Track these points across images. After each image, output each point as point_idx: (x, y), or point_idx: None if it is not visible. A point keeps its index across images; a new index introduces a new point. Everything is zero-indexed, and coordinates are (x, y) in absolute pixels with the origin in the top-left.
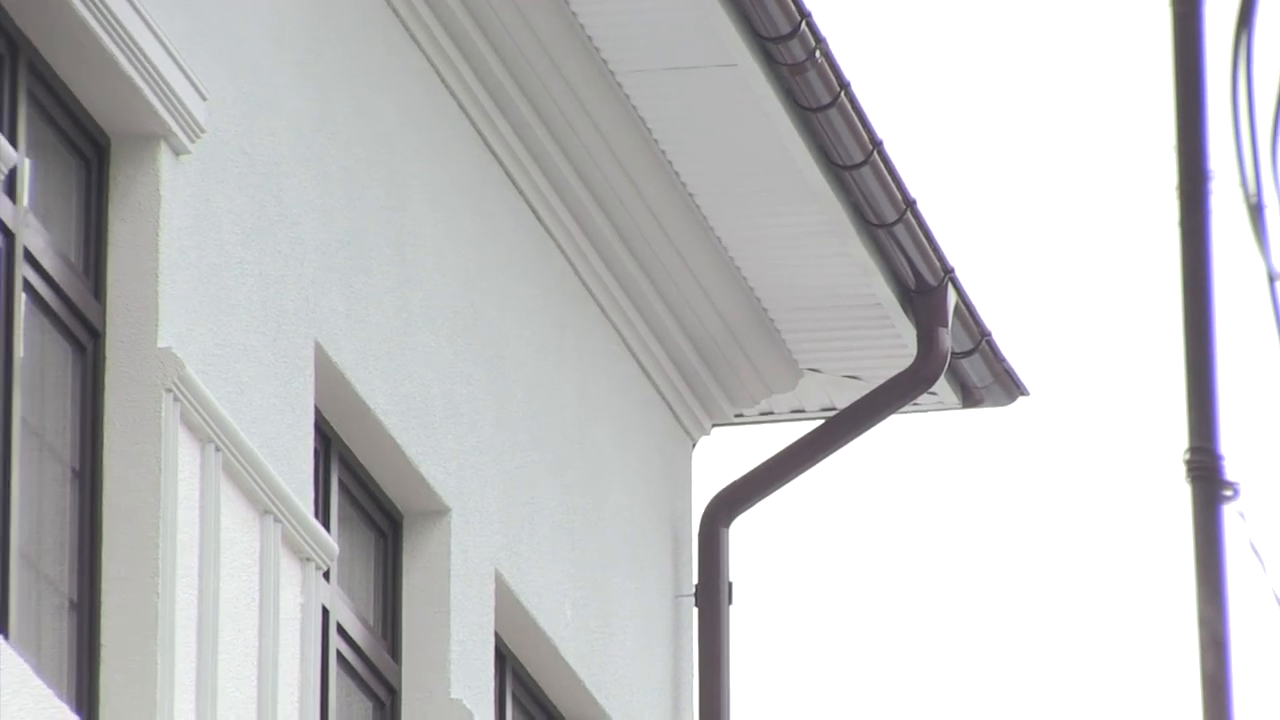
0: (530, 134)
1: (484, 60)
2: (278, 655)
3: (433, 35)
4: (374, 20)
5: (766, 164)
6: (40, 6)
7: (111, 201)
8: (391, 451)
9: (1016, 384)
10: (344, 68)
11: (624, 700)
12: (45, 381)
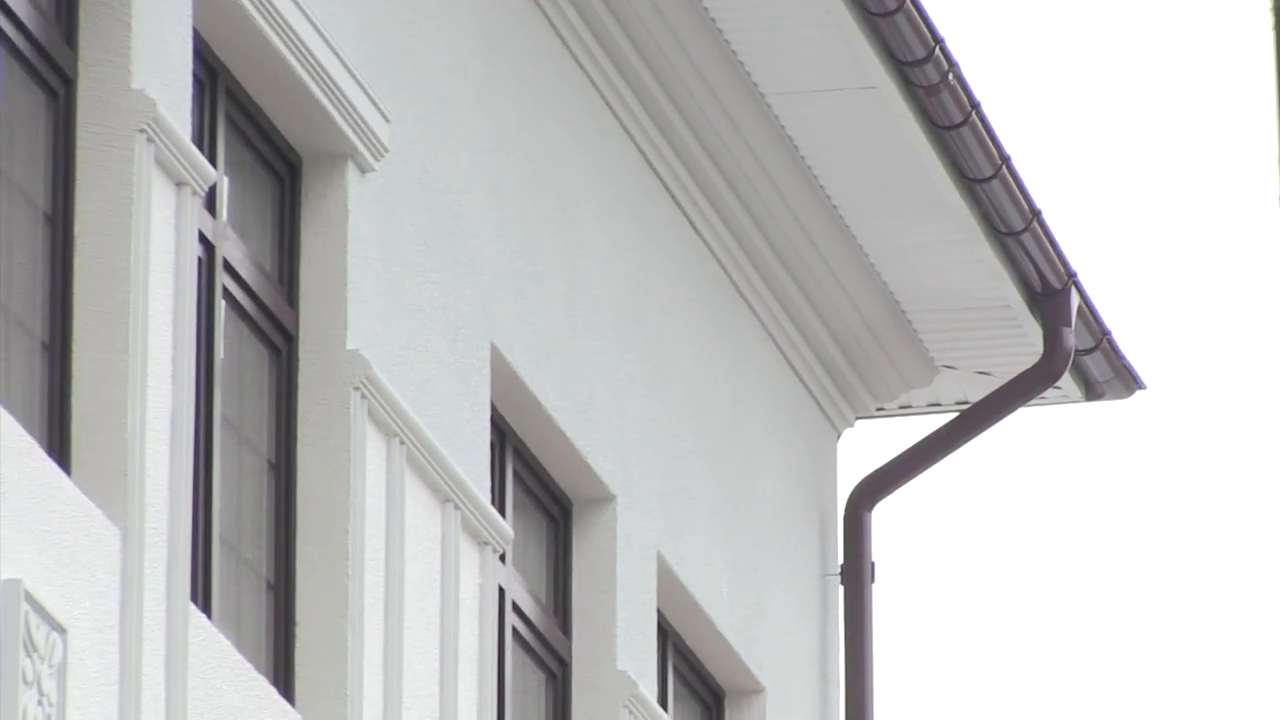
0: (687, 151)
1: (644, 84)
2: (458, 632)
3: (597, 62)
4: (543, 48)
5: (904, 178)
6: (238, 37)
7: (303, 216)
8: (561, 444)
9: (1135, 379)
10: (516, 92)
11: (776, 671)
12: (244, 381)
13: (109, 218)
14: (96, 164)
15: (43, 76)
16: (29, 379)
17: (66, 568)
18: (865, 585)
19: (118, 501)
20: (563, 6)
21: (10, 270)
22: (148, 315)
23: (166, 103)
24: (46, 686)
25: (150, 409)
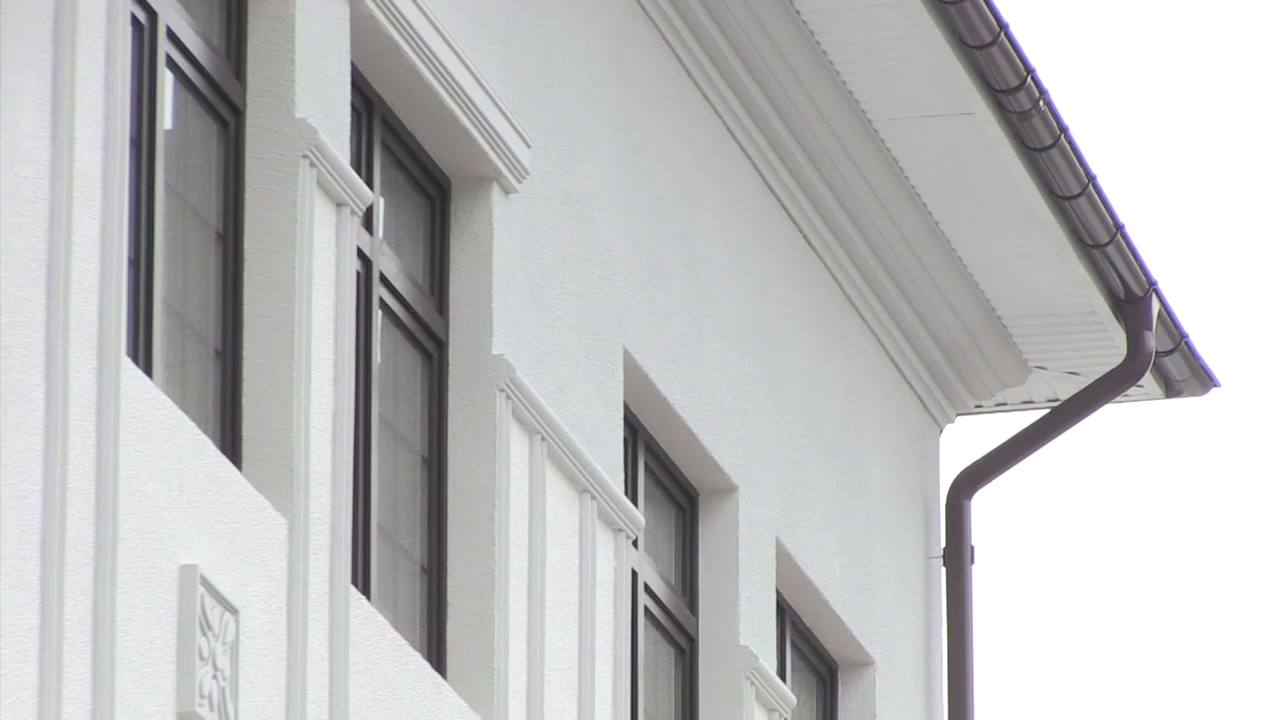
0: (801, 171)
1: (761, 111)
2: (594, 611)
3: (718, 90)
4: (670, 79)
5: (999, 195)
6: (392, 70)
7: (452, 233)
8: (688, 439)
9: (1210, 377)
10: (645, 118)
11: (885, 645)
12: (398, 384)
13: (275, 236)
14: (264, 187)
15: (214, 107)
16: (204, 383)
17: (238, 555)
18: (965, 567)
19: (284, 494)
20: (686, 40)
21: (186, 284)
22: (311, 324)
23: (327, 130)
24: (220, 662)
25: (314, 410)
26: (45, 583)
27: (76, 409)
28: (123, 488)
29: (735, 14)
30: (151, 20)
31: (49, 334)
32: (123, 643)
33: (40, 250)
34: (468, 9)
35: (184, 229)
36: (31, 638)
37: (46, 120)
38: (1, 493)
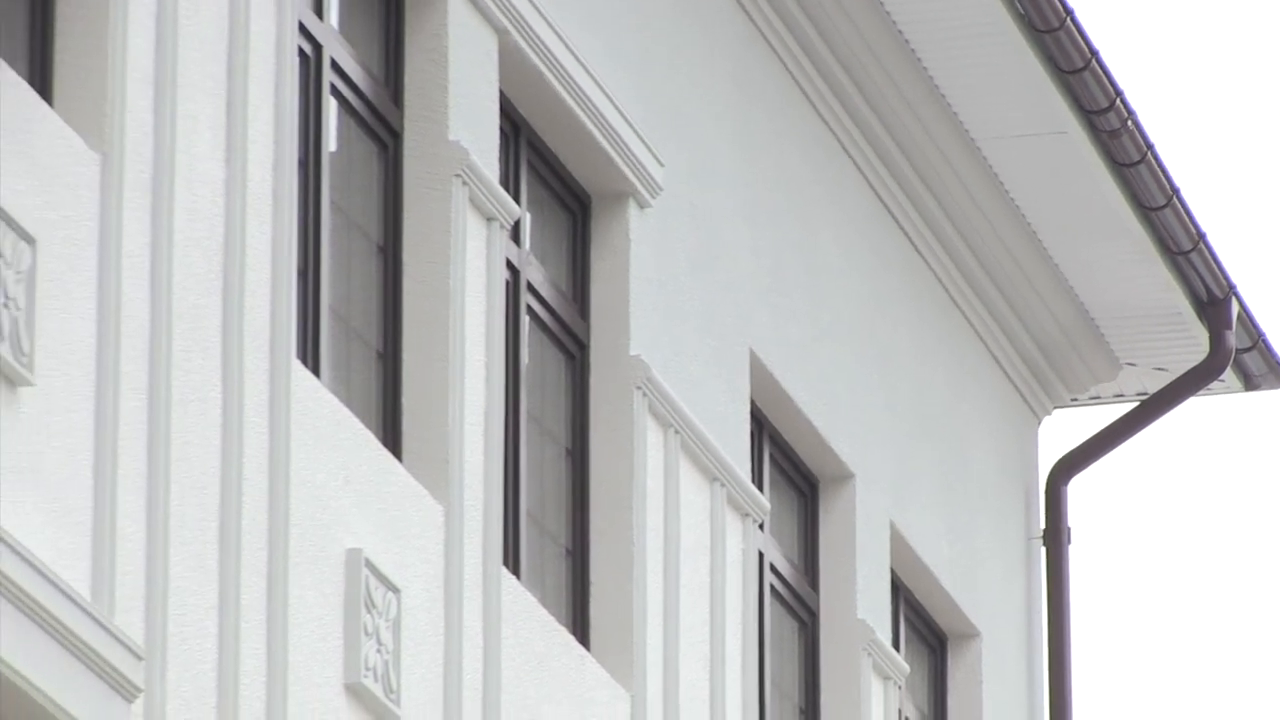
0: (910, 185)
1: (873, 130)
2: (725, 589)
3: (833, 111)
4: (789, 101)
5: (1091, 207)
6: (537, 96)
7: (593, 244)
8: (809, 431)
9: None
10: (766, 137)
11: (989, 619)
12: (544, 382)
13: (431, 248)
14: (420, 203)
15: (374, 131)
16: (367, 383)
17: (400, 539)
18: (1063, 547)
19: (441, 483)
20: (804, 66)
21: (350, 292)
22: (464, 329)
23: (478, 152)
24: (384, 637)
25: (467, 406)
26: (224, 566)
27: (251, 407)
28: (293, 479)
29: (849, 42)
30: (317, 52)
31: (225, 339)
32: (294, 620)
33: (216, 262)
34: (604, 39)
35: (347, 242)
36: (211, 616)
37: (221, 143)
38: (184, 484)
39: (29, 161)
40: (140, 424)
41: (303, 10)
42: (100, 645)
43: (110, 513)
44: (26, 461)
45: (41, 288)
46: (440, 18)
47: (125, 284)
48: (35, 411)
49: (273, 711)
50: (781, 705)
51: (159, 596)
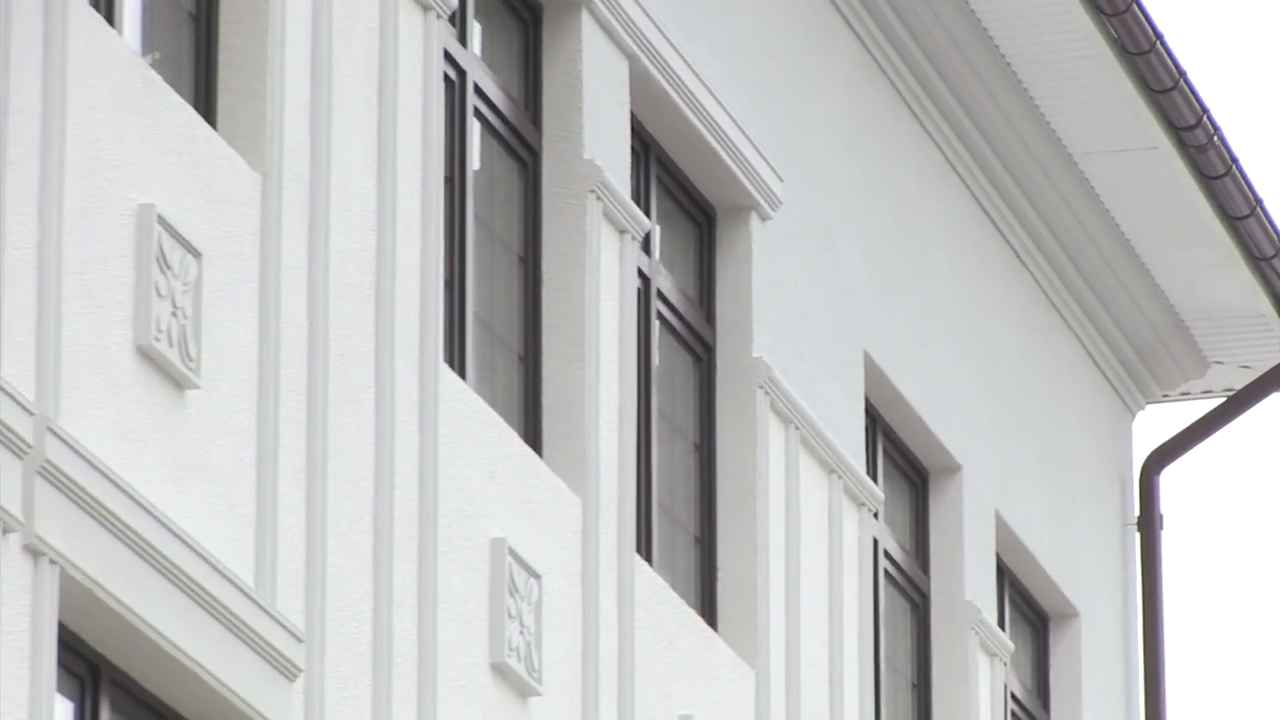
0: (1011, 197)
1: (977, 146)
2: (842, 574)
3: (940, 129)
4: (900, 120)
5: (1180, 216)
6: (665, 117)
7: (718, 254)
8: (919, 427)
9: None
10: (878, 153)
11: (1088, 599)
12: (674, 382)
13: (568, 259)
14: (557, 217)
15: (515, 151)
16: (509, 384)
17: (540, 528)
18: (1156, 533)
19: (578, 477)
20: (913, 87)
21: (493, 300)
22: (599, 333)
23: (611, 169)
24: (526, 620)
25: (603, 405)
26: (377, 554)
27: (402, 408)
28: (441, 473)
29: (955, 65)
30: (461, 78)
31: (378, 344)
32: (443, 604)
33: (369, 273)
34: (727, 63)
35: (490, 254)
36: (366, 601)
37: (373, 163)
38: (340, 479)
39: (195, 181)
40: (299, 423)
41: (447, 39)
42: (263, 628)
43: (272, 505)
44: (194, 459)
45: (207, 298)
46: (575, 45)
47: (284, 294)
48: (202, 412)
49: (423, 689)
50: (895, 681)
51: (318, 583)
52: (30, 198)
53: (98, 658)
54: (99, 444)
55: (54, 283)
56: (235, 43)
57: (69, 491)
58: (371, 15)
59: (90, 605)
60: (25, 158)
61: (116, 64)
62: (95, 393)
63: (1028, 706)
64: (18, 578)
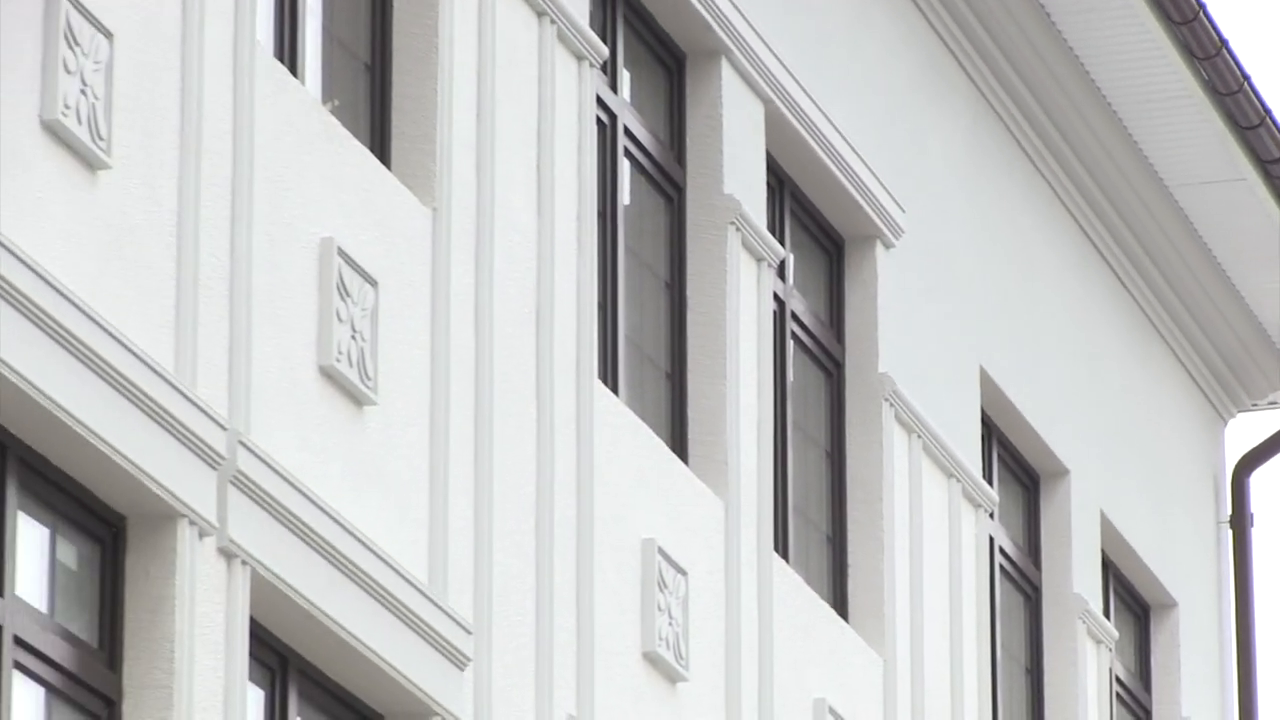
0: (1113, 225)
1: (1082, 179)
2: (960, 569)
3: (1047, 163)
4: (1012, 157)
5: (1266, 241)
6: (798, 154)
7: (846, 279)
8: (1030, 434)
9: None
10: (993, 187)
11: (1185, 591)
12: (806, 396)
13: (710, 284)
14: (700, 247)
15: (661, 187)
16: (657, 398)
17: (686, 529)
18: (1247, 530)
19: (721, 482)
20: (1022, 126)
21: (642, 322)
22: (739, 352)
23: (749, 203)
24: (674, 613)
25: (742, 417)
26: (539, 553)
27: (560, 421)
28: (596, 480)
29: (1060, 105)
30: (612, 121)
31: (538, 363)
32: (598, 599)
33: (530, 299)
34: (853, 106)
35: (639, 280)
36: (529, 596)
37: (533, 199)
38: (505, 485)
39: (372, 217)
40: (468, 436)
41: (599, 86)
42: (436, 622)
43: (443, 510)
44: (372, 469)
45: (383, 322)
46: (715, 90)
47: (453, 318)
48: (379, 426)
49: (581, 676)
50: (1009, 666)
51: (485, 580)
52: (222, 233)
53: (285, 649)
54: (286, 456)
55: (244, 310)
56: (407, 90)
57: (259, 499)
58: (530, 64)
59: (278, 602)
60: (217, 197)
61: (299, 110)
62: (282, 410)
63: (1131, 689)
64: (213, 577)
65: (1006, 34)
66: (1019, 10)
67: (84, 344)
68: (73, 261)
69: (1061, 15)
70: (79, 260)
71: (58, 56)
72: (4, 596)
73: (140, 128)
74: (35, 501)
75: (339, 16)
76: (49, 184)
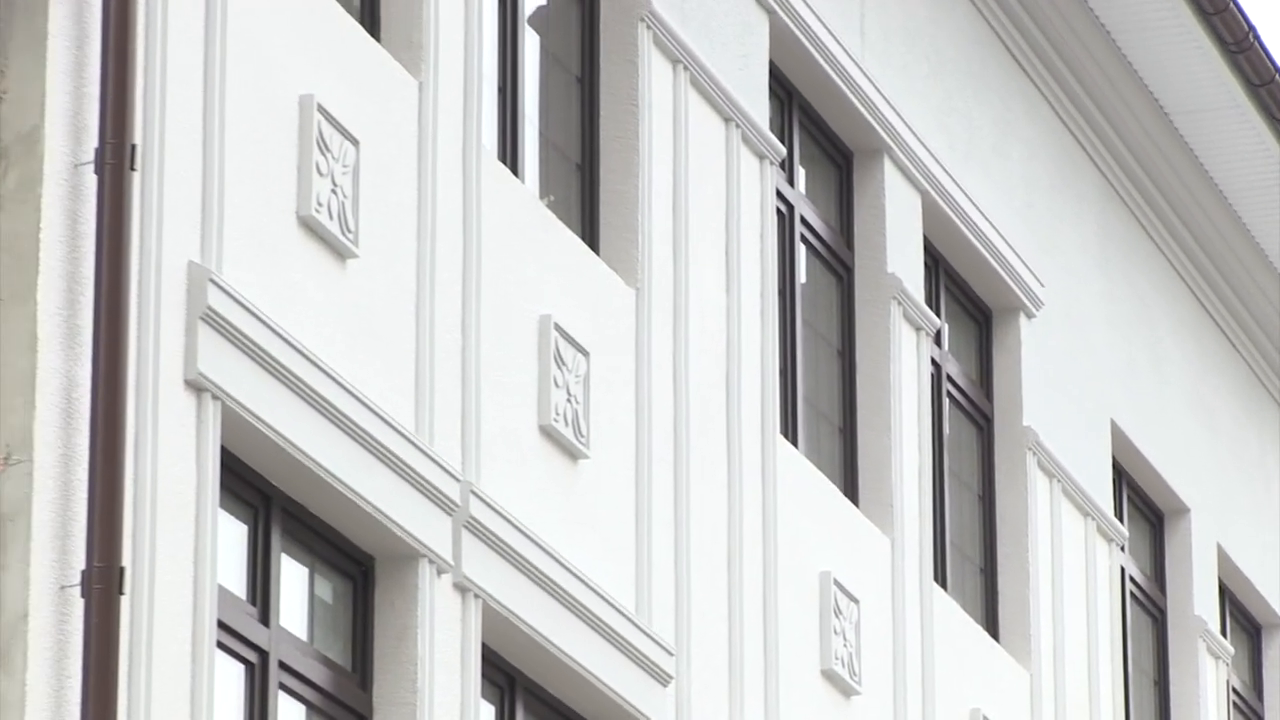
0: (1225, 296)
1: (1198, 256)
2: (1096, 596)
3: (1167, 242)
4: (1134, 235)
5: None
6: (951, 238)
7: (994, 344)
8: (1155, 477)
9: None
10: (1119, 262)
11: None
12: (960, 447)
13: (875, 351)
14: (867, 319)
15: (833, 267)
16: (831, 450)
17: (860, 563)
18: None
19: (887, 521)
20: (1146, 211)
21: (818, 384)
22: (901, 410)
23: (908, 280)
24: (848, 636)
25: (905, 465)
26: (730, 585)
27: (748, 470)
28: (779, 519)
29: (1179, 193)
30: (790, 210)
31: (728, 421)
32: (782, 625)
33: (720, 365)
34: (998, 194)
35: (814, 348)
36: (722, 621)
37: (722, 278)
38: (700, 526)
39: (583, 295)
40: (668, 483)
41: (778, 180)
42: (641, 644)
43: (647, 548)
44: (586, 513)
45: (594, 386)
46: (878, 183)
47: (654, 382)
48: (591, 478)
49: (768, 691)
50: (1139, 679)
51: (684, 607)
52: (453, 310)
53: (513, 670)
54: (511, 503)
55: (474, 377)
56: (612, 186)
57: (489, 540)
58: (719, 163)
59: (506, 629)
60: (449, 279)
61: (520, 204)
62: (507, 463)
63: (1247, 700)
64: (449, 609)
65: (1132, 133)
66: (1144, 115)
67: (336, 408)
68: (326, 337)
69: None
70: (331, 335)
71: (312, 161)
72: (270, 627)
73: (382, 221)
74: (296, 545)
75: (554, 123)
76: (305, 271)
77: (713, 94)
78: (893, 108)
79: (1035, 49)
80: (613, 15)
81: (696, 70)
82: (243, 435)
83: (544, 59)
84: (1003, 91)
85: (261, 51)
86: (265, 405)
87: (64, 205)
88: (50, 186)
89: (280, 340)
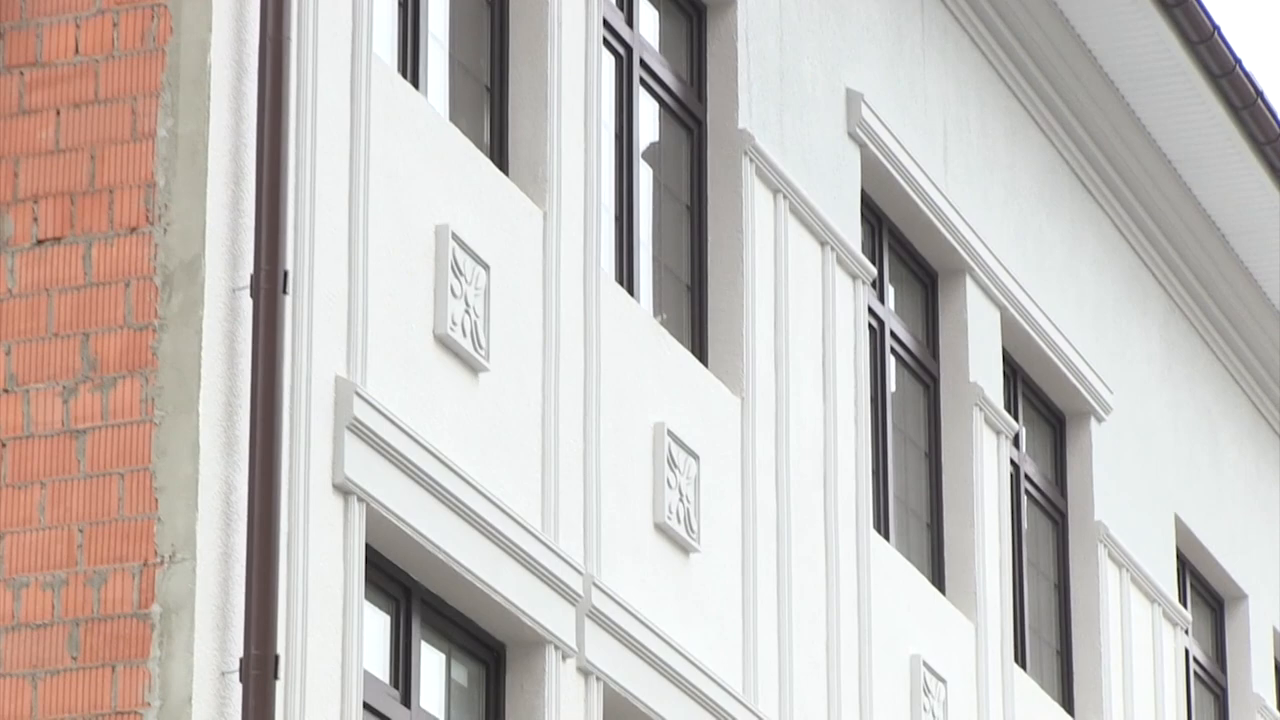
0: (1277, 398)
1: (1254, 365)
2: (1162, 672)
3: (1226, 353)
4: (1194, 346)
5: None
6: (1028, 351)
7: (1068, 446)
8: (1215, 567)
9: None
10: (1181, 371)
11: None
12: (1038, 539)
13: (959, 454)
14: (951, 423)
15: (920, 377)
16: (920, 544)
17: (947, 645)
18: None
19: (971, 607)
20: (1206, 324)
21: (907, 483)
22: (983, 506)
23: (989, 388)
24: (937, 714)
25: (988, 556)
26: (829, 665)
27: (844, 561)
28: (873, 605)
29: (1233, 304)
30: (880, 326)
31: (825, 517)
32: (876, 701)
33: (818, 467)
34: (1071, 309)
35: (904, 452)
36: (821, 699)
37: (819, 388)
38: (802, 611)
39: (694, 405)
40: (771, 573)
41: (870, 298)
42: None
43: (753, 630)
44: (697, 604)
45: (704, 486)
46: (961, 299)
47: (759, 481)
48: (702, 570)
49: None
50: None
51: (787, 689)
52: (576, 419)
53: None
54: (629, 594)
55: (594, 479)
56: (719, 305)
57: (610, 628)
58: (816, 283)
59: (625, 710)
60: (572, 391)
61: (635, 322)
62: (625, 556)
63: None
64: (574, 690)
65: (1192, 253)
66: (1204, 236)
67: (470, 508)
68: (460, 443)
69: (1238, 239)
70: (465, 442)
71: (447, 284)
72: (411, 708)
73: (511, 338)
74: (434, 633)
75: (665, 247)
76: (441, 385)
77: (810, 220)
78: (973, 231)
79: (1102, 176)
80: (718, 149)
81: (795, 198)
82: (385, 534)
83: (656, 189)
84: (1072, 215)
85: (400, 184)
86: (405, 506)
87: (223, 326)
88: (210, 309)
89: (419, 447)
